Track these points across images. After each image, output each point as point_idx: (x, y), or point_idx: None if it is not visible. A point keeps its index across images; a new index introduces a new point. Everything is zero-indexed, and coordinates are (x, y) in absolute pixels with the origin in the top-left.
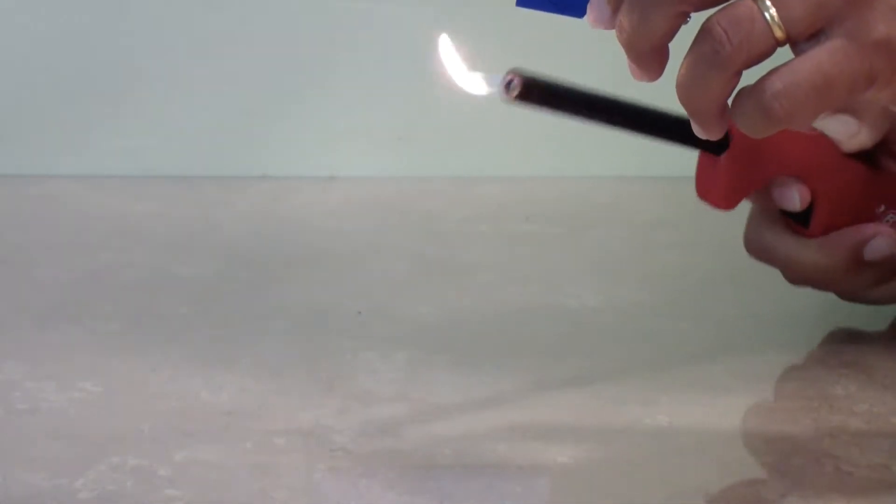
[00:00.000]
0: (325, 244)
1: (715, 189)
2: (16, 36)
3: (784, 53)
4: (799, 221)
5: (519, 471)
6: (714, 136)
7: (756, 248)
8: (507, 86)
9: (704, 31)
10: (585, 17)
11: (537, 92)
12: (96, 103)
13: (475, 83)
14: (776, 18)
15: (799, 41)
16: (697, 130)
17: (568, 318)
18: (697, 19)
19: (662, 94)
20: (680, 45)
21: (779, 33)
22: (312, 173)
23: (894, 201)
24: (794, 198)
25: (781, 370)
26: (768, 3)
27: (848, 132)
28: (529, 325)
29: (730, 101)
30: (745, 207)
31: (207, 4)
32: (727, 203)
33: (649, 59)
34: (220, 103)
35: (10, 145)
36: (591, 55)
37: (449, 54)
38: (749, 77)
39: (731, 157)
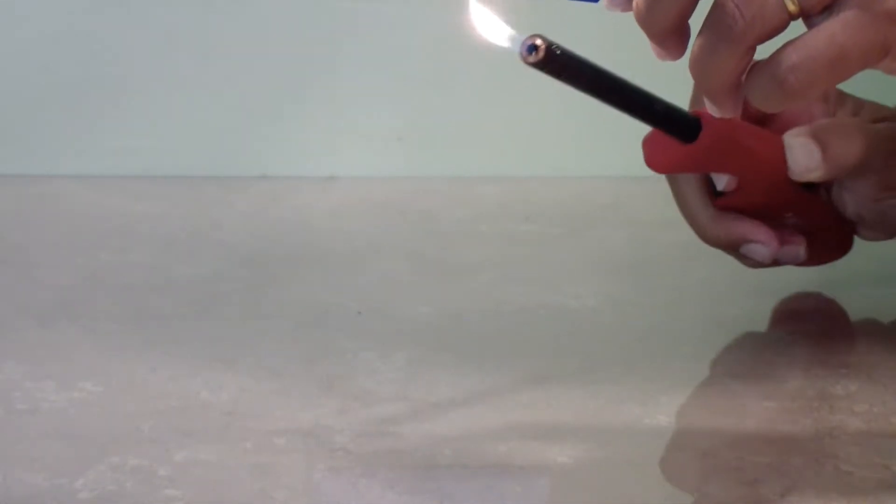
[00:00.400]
0: (325, 244)
1: (662, 155)
2: (16, 36)
3: (797, 28)
4: (713, 189)
5: (519, 471)
6: (728, 113)
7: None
8: (529, 49)
9: (717, 7)
10: (601, 1)
11: (557, 62)
12: (96, 103)
13: (499, 34)
14: None
15: (812, 14)
16: (711, 108)
17: (568, 318)
18: None
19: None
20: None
21: (792, 7)
22: (312, 173)
23: (803, 215)
24: (722, 180)
25: (781, 370)
26: None
27: (808, 165)
28: (529, 325)
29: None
30: None
31: (207, 4)
32: (664, 171)
33: (669, 38)
34: (220, 103)
35: (10, 145)
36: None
37: (481, 5)
38: (762, 52)
39: (696, 146)
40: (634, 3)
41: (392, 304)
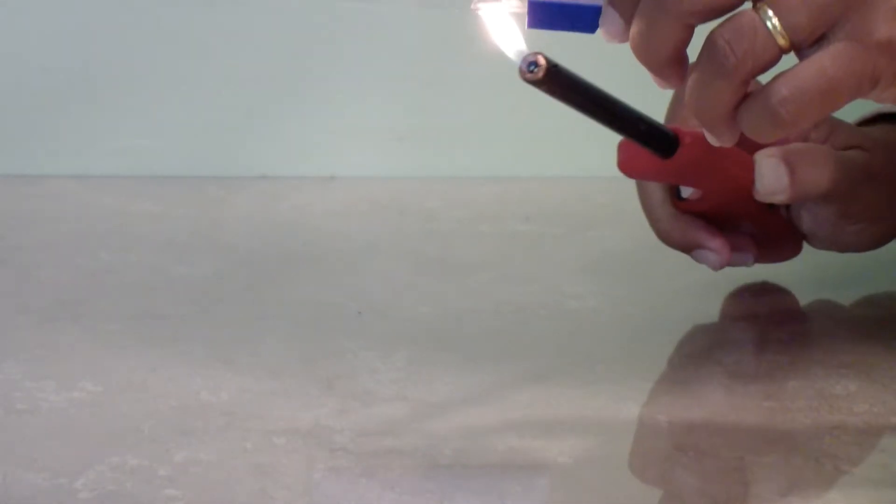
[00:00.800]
0: (325, 244)
1: (635, 162)
2: (16, 36)
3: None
4: (677, 191)
5: (519, 471)
6: (726, 142)
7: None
8: (529, 66)
9: (709, 45)
10: (598, 31)
11: (555, 83)
12: (96, 103)
13: (509, 42)
14: (779, 27)
15: (803, 47)
16: (710, 138)
17: (568, 318)
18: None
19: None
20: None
21: (782, 42)
22: (312, 173)
23: (759, 226)
24: (688, 189)
25: (781, 370)
26: (770, 13)
27: (774, 188)
28: (529, 325)
29: None
30: None
31: (207, 4)
32: (635, 177)
33: (666, 70)
34: (220, 103)
35: (10, 145)
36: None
37: (502, 15)
38: None
39: (671, 162)
40: (630, 36)
41: (392, 304)
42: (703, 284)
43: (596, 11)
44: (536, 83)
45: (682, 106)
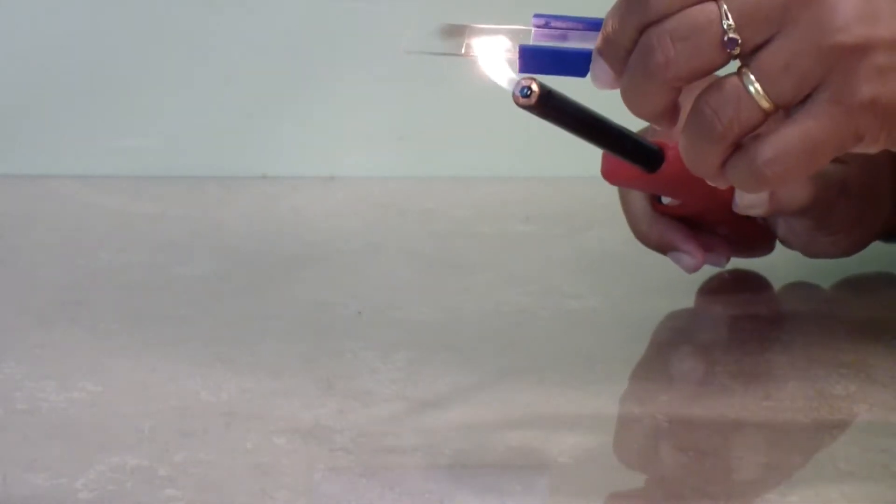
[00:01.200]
0: (325, 244)
1: (619, 171)
2: (16, 36)
3: None
4: (657, 197)
5: (519, 471)
6: (721, 187)
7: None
8: (523, 91)
9: (695, 111)
10: (588, 76)
11: (550, 106)
12: (96, 103)
13: (500, 73)
14: (761, 92)
15: (788, 108)
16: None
17: (568, 318)
18: None
19: None
20: None
21: (766, 105)
22: (312, 173)
23: (735, 230)
24: (668, 200)
25: (781, 370)
26: (752, 78)
27: (752, 203)
28: (529, 325)
29: None
30: None
31: (207, 4)
32: (618, 185)
33: (657, 121)
34: (220, 103)
35: (10, 145)
36: None
37: (491, 41)
38: None
39: (655, 175)
40: (621, 91)
41: (392, 304)
42: (700, 285)
43: (587, 56)
44: (530, 108)
45: None
